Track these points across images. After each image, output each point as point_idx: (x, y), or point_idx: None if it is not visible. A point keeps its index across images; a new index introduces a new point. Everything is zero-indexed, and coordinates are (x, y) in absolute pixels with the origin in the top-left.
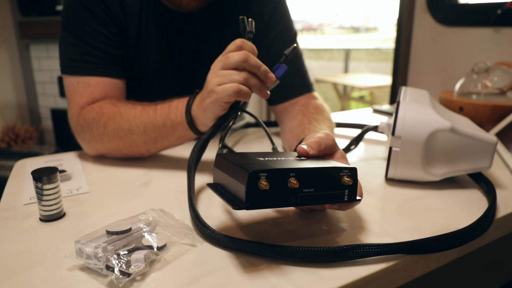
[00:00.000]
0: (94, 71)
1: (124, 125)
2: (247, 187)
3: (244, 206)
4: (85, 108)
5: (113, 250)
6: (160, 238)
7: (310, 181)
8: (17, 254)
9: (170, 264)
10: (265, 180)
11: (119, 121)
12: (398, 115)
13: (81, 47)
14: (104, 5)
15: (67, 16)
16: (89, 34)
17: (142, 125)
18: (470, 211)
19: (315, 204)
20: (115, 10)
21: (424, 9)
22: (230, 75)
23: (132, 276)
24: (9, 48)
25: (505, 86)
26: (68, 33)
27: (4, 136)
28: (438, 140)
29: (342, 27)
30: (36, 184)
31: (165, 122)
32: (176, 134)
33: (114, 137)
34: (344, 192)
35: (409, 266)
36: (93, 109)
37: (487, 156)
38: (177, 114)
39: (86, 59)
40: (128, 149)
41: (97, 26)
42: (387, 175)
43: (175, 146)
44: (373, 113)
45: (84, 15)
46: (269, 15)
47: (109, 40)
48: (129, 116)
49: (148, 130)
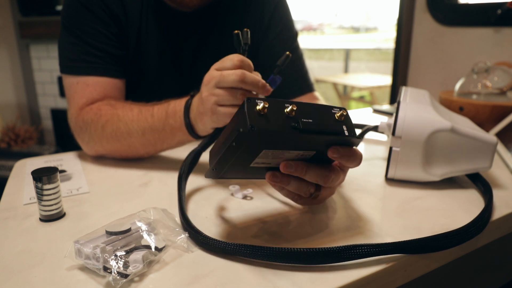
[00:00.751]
0: (94, 71)
1: (122, 128)
2: (247, 109)
3: (248, 129)
4: (84, 108)
5: (112, 250)
6: (159, 239)
7: (307, 112)
8: (17, 254)
9: (169, 265)
10: (261, 104)
11: (117, 124)
12: (398, 115)
13: (81, 47)
14: (104, 4)
15: (66, 16)
16: (89, 34)
17: (140, 129)
18: (470, 211)
19: (317, 134)
20: (115, 9)
21: (424, 9)
22: (228, 96)
23: (130, 277)
24: (9, 48)
25: (505, 86)
26: (68, 32)
27: (4, 136)
28: (439, 140)
29: (342, 27)
30: (36, 184)
31: (164, 127)
32: (176, 139)
33: (113, 139)
34: (342, 126)
35: (409, 266)
36: (92, 111)
37: (487, 157)
38: (176, 120)
39: (86, 58)
40: (127, 151)
41: (97, 25)
42: (387, 175)
43: (175, 148)
44: (373, 113)
45: (84, 15)
46: (270, 15)
47: (109, 40)
48: (127, 119)
49: (147, 134)
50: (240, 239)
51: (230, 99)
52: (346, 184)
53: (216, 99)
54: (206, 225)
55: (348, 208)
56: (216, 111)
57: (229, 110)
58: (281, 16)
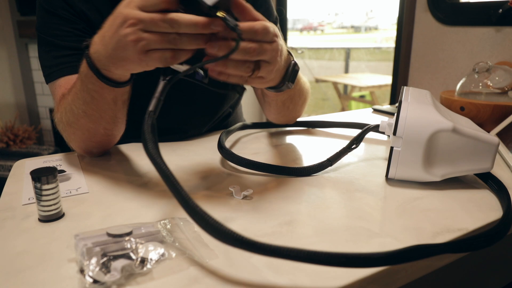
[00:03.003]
0: (66, 70)
1: (69, 114)
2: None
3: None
4: (56, 106)
5: (99, 252)
6: (155, 251)
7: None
8: (16, 255)
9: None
10: None
11: (65, 112)
12: (399, 115)
13: (54, 52)
14: (67, 5)
15: (38, 27)
16: (58, 37)
17: (78, 108)
18: (470, 211)
19: None
20: (79, 6)
21: (425, 8)
22: (162, 42)
23: (103, 286)
24: (8, 48)
25: (506, 86)
26: (42, 42)
27: (3, 136)
28: (440, 140)
29: (343, 26)
30: (35, 184)
31: (87, 93)
32: (105, 99)
33: (71, 129)
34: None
35: (411, 266)
36: (58, 107)
37: (488, 157)
38: (88, 78)
39: (59, 61)
40: (92, 137)
41: (64, 26)
42: (388, 175)
43: (116, 111)
44: (373, 113)
45: (50, 20)
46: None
47: (77, 36)
48: (67, 105)
49: (86, 110)
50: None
51: (164, 44)
52: (346, 184)
53: (145, 44)
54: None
55: (348, 208)
56: (146, 58)
57: (164, 55)
58: (262, 2)
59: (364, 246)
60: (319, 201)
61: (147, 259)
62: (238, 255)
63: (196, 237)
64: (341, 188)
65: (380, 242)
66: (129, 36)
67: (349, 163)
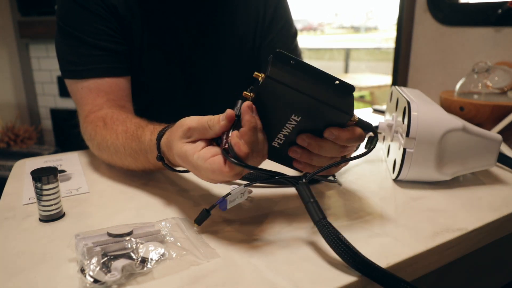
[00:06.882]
0: (95, 72)
1: (114, 156)
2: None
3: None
4: (88, 117)
5: (100, 252)
6: (155, 251)
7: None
8: (17, 254)
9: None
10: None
11: (107, 150)
12: (411, 116)
13: (80, 48)
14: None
15: (62, 17)
16: (88, 33)
17: (128, 157)
18: (470, 211)
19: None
20: (110, 1)
21: (425, 8)
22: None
23: (104, 286)
24: (9, 48)
25: (505, 86)
26: (65, 34)
27: (4, 136)
28: (450, 140)
29: (342, 26)
30: (35, 184)
31: (136, 156)
32: (144, 163)
33: (108, 159)
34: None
35: (409, 266)
36: (90, 125)
37: (492, 154)
38: (149, 159)
39: (88, 60)
40: (125, 168)
41: (96, 23)
42: (398, 176)
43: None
44: (373, 113)
45: (80, 13)
46: (273, 11)
47: (109, 36)
48: (114, 147)
49: (135, 160)
50: (240, 240)
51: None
52: (346, 184)
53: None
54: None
55: (348, 207)
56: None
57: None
58: (283, 13)
59: (364, 246)
60: (319, 201)
61: (148, 259)
62: (239, 255)
63: (196, 236)
64: (341, 188)
65: (380, 242)
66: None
67: (348, 163)
